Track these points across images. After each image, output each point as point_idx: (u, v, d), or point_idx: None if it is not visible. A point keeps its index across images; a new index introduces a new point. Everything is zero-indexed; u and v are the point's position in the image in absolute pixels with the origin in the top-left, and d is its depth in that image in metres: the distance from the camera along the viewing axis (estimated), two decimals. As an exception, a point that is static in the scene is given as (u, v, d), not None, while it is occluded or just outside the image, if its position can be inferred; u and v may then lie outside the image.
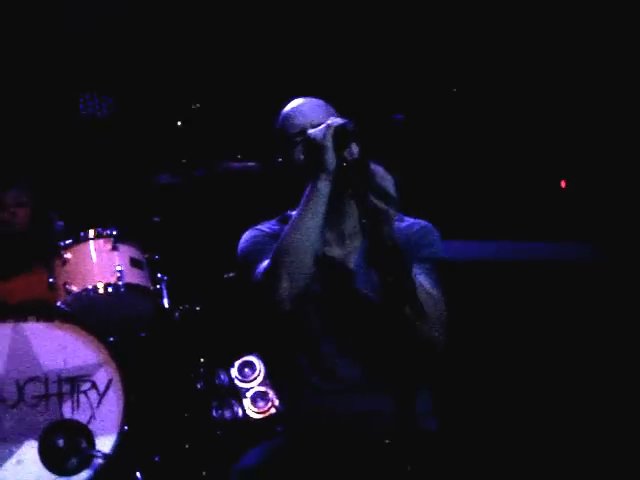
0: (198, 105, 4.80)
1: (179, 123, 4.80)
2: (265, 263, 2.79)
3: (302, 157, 2.87)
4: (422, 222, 3.00)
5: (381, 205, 2.66)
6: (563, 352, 5.13)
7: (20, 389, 4.30)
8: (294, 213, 2.79)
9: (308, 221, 2.72)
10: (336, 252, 2.92)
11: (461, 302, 5.02)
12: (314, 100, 2.99)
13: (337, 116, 2.84)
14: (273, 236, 2.91)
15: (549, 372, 5.07)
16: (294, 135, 2.91)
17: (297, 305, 2.75)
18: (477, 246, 5.44)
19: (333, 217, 2.86)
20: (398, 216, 2.82)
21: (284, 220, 2.99)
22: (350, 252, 2.93)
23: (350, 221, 2.93)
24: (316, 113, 2.90)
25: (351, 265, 2.91)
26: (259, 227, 3.01)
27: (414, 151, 5.54)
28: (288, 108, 2.99)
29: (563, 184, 5.80)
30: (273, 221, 3.03)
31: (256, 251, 2.90)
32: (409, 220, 2.99)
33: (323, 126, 2.74)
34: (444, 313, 2.80)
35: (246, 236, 3.00)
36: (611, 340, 5.12)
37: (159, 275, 4.87)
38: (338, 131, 2.70)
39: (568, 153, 5.74)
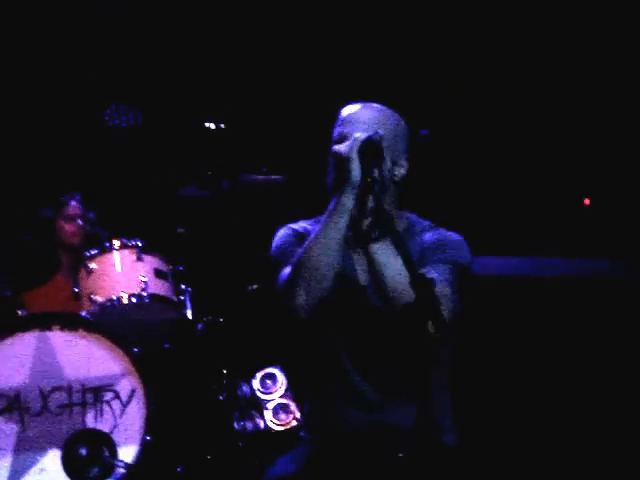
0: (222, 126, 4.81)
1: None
2: (287, 270, 2.78)
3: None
4: (444, 232, 2.92)
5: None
6: (586, 368, 5.11)
7: (44, 398, 4.32)
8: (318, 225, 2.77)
9: (330, 234, 2.70)
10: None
11: (484, 317, 5.04)
12: (367, 109, 2.88)
13: (390, 124, 2.80)
14: (304, 236, 2.86)
15: (572, 388, 5.06)
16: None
17: (316, 315, 2.74)
18: (503, 262, 5.44)
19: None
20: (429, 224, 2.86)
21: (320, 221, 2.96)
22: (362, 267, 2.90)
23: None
24: (364, 127, 2.80)
25: (362, 282, 2.88)
26: (292, 226, 2.97)
27: (438, 167, 5.53)
28: (342, 114, 2.89)
29: (587, 201, 5.78)
30: (310, 220, 2.97)
31: (284, 253, 2.87)
32: (438, 230, 2.93)
33: (350, 140, 2.71)
34: (455, 308, 2.68)
35: (279, 234, 2.96)
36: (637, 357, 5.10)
37: (183, 286, 4.89)
38: (365, 145, 2.67)
39: (595, 169, 5.71)
